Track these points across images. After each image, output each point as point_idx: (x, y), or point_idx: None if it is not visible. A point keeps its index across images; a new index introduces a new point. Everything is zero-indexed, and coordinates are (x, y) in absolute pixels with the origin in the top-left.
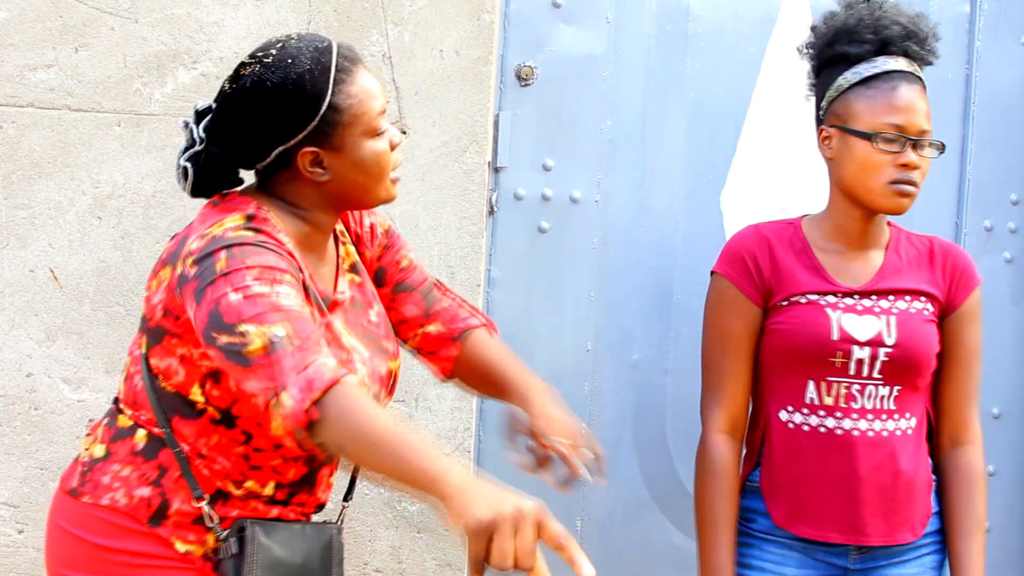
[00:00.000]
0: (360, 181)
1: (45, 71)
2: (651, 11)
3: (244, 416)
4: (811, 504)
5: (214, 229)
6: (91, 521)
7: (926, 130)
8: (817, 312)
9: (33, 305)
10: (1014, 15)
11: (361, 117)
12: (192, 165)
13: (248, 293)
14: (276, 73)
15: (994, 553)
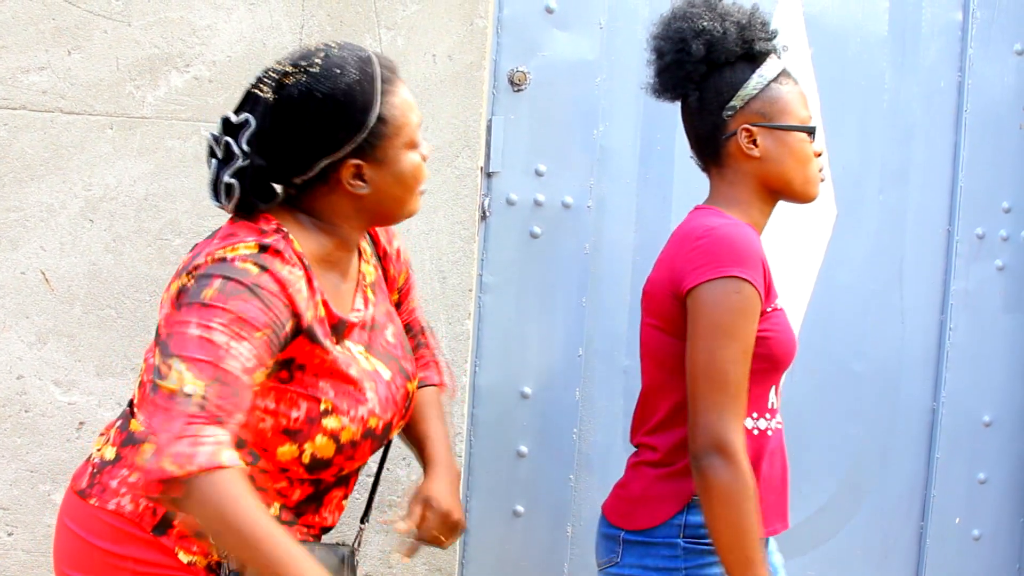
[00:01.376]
0: (397, 194)
1: (38, 73)
2: (644, 17)
3: (251, 440)
4: (767, 503)
5: (226, 251)
6: (97, 525)
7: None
8: (785, 318)
9: (24, 307)
10: (1006, 23)
11: (404, 129)
12: (239, 181)
13: (206, 336)
14: (325, 84)
15: (985, 562)
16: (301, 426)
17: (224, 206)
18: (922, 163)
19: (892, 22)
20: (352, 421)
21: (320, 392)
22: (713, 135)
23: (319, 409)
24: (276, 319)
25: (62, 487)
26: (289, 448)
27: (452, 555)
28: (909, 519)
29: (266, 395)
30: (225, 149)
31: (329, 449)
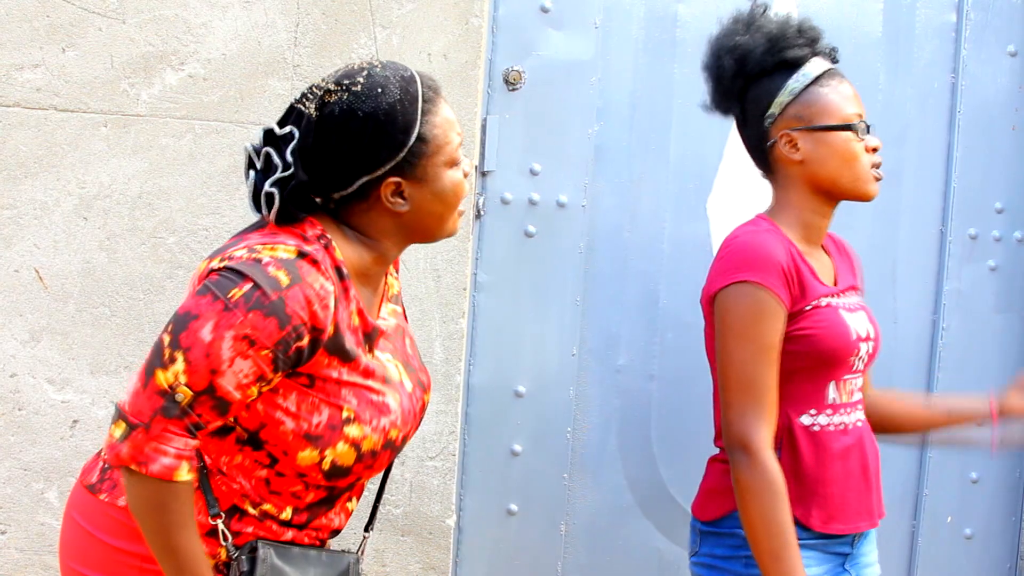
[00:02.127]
0: (438, 211)
1: (32, 71)
2: (639, 17)
3: (271, 441)
4: (845, 500)
5: (265, 252)
6: (106, 520)
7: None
8: (835, 314)
9: (18, 305)
10: (1000, 24)
11: (444, 148)
12: (279, 191)
13: (215, 344)
14: (367, 103)
15: (977, 561)
16: (323, 432)
17: (265, 216)
18: (915, 164)
19: (886, 23)
20: (374, 431)
21: (343, 400)
22: (760, 145)
23: (341, 417)
24: (288, 335)
25: (56, 485)
26: (310, 454)
27: (446, 553)
28: (901, 518)
29: (287, 395)
30: (265, 159)
31: (350, 457)
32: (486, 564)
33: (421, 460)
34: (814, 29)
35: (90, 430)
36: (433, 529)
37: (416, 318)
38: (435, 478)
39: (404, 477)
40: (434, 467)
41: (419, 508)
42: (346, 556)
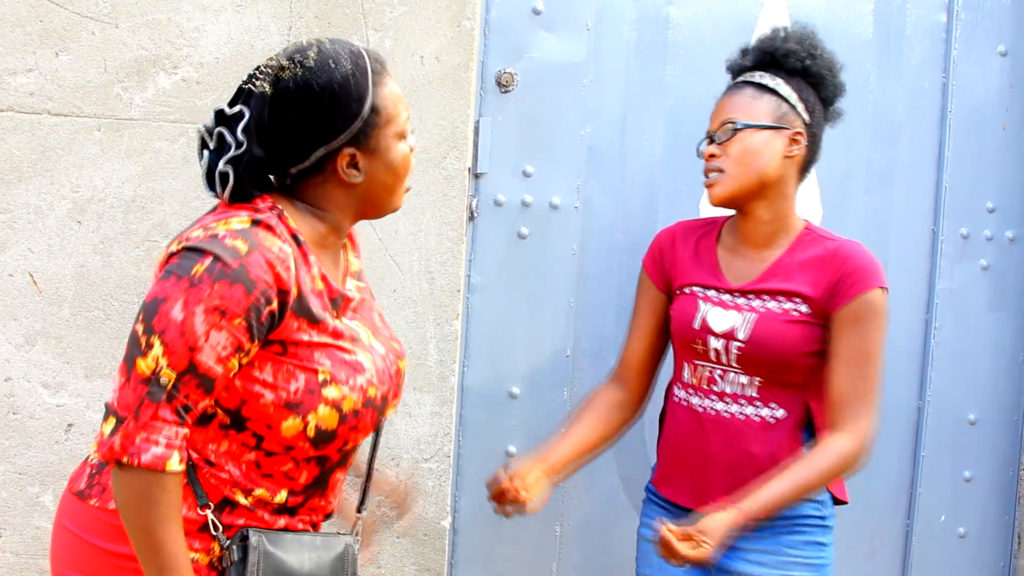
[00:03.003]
0: (389, 183)
1: (25, 75)
2: (631, 19)
3: (254, 418)
4: (673, 470)
5: (219, 226)
6: (97, 525)
7: (724, 120)
8: (691, 303)
9: (12, 309)
10: (990, 25)
11: (395, 119)
12: (233, 169)
13: (188, 321)
14: (322, 76)
15: (970, 560)
16: (302, 398)
17: (219, 195)
18: (907, 164)
19: (877, 24)
20: (352, 390)
21: (316, 363)
22: None
23: (317, 380)
24: (257, 300)
25: (51, 489)
26: (293, 422)
27: (441, 555)
28: (895, 517)
29: (263, 367)
30: (218, 139)
31: (333, 420)
32: (481, 565)
33: (416, 462)
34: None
35: (85, 434)
36: (428, 531)
37: (410, 320)
38: (430, 480)
39: (399, 479)
40: (429, 469)
41: (414, 510)
42: (341, 538)
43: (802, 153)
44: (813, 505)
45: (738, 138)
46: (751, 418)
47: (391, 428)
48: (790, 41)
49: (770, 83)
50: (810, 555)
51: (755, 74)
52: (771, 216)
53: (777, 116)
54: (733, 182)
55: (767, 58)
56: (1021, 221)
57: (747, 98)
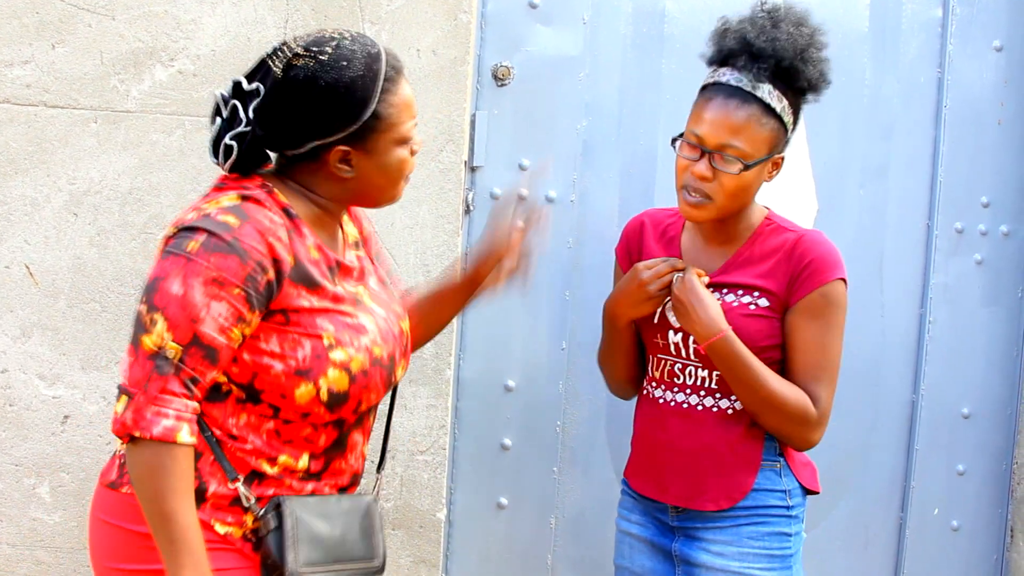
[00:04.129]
0: (379, 183)
1: (21, 67)
2: (627, 12)
3: (267, 390)
4: (640, 461)
5: (210, 206)
6: (133, 510)
7: (727, 144)
8: None
9: (8, 301)
10: (986, 20)
11: (397, 127)
12: (237, 144)
13: (188, 295)
14: (330, 73)
15: (964, 553)
16: (311, 364)
17: (221, 164)
18: (902, 158)
19: (872, 19)
20: (358, 351)
21: (320, 329)
22: None
23: (323, 345)
24: (253, 270)
25: (47, 480)
26: (306, 388)
27: (436, 547)
28: (889, 510)
29: (268, 339)
30: (231, 111)
31: (343, 381)
32: (476, 557)
33: (411, 454)
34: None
35: (81, 425)
36: (424, 523)
37: None
38: (425, 472)
39: (395, 471)
40: (424, 461)
41: (409, 502)
42: (364, 498)
43: (778, 171)
44: (778, 495)
45: (740, 175)
46: (710, 409)
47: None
48: (809, 64)
49: (777, 107)
50: (773, 545)
51: (761, 88)
52: (737, 219)
53: (774, 144)
54: (718, 211)
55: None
56: (1015, 216)
57: (754, 123)
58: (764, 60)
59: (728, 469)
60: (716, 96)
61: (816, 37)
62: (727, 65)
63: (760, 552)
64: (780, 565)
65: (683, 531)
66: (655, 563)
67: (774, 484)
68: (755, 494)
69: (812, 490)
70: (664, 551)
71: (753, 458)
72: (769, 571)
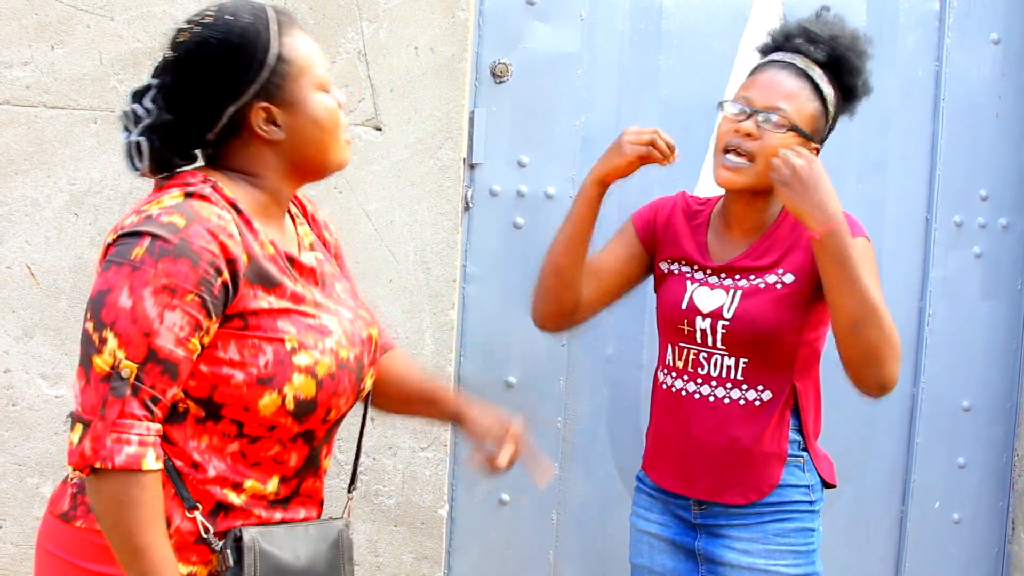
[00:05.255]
0: (316, 137)
1: (21, 68)
2: (625, 9)
3: (228, 403)
4: (659, 454)
5: (151, 207)
6: (86, 547)
7: (778, 106)
8: (678, 283)
9: (10, 302)
10: (983, 13)
11: (310, 69)
12: (147, 139)
13: (137, 307)
14: (219, 30)
15: (965, 545)
16: (274, 370)
17: (143, 171)
18: (900, 152)
19: (870, 12)
20: (323, 354)
21: (282, 332)
22: None
23: (285, 349)
24: (206, 273)
25: (50, 480)
26: (270, 397)
27: (439, 543)
28: (890, 504)
29: (226, 346)
30: (133, 117)
31: (310, 387)
32: (478, 553)
33: (413, 451)
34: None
35: None
36: (425, 519)
37: (406, 310)
38: (427, 468)
39: (396, 468)
40: (426, 458)
41: (411, 498)
42: (333, 523)
43: None
44: (802, 490)
45: (786, 136)
46: (736, 402)
47: (389, 417)
48: (862, 59)
49: (825, 91)
50: (798, 541)
51: (815, 71)
52: (764, 205)
53: (815, 128)
54: (757, 178)
55: (832, 61)
56: (1014, 209)
57: (805, 95)
58: (820, 43)
59: (756, 462)
60: (769, 69)
61: (865, 45)
62: (782, 50)
63: (786, 549)
64: (805, 561)
65: (705, 528)
66: (677, 562)
67: (798, 479)
68: (780, 490)
69: (831, 483)
70: (686, 550)
71: (780, 451)
72: (795, 567)
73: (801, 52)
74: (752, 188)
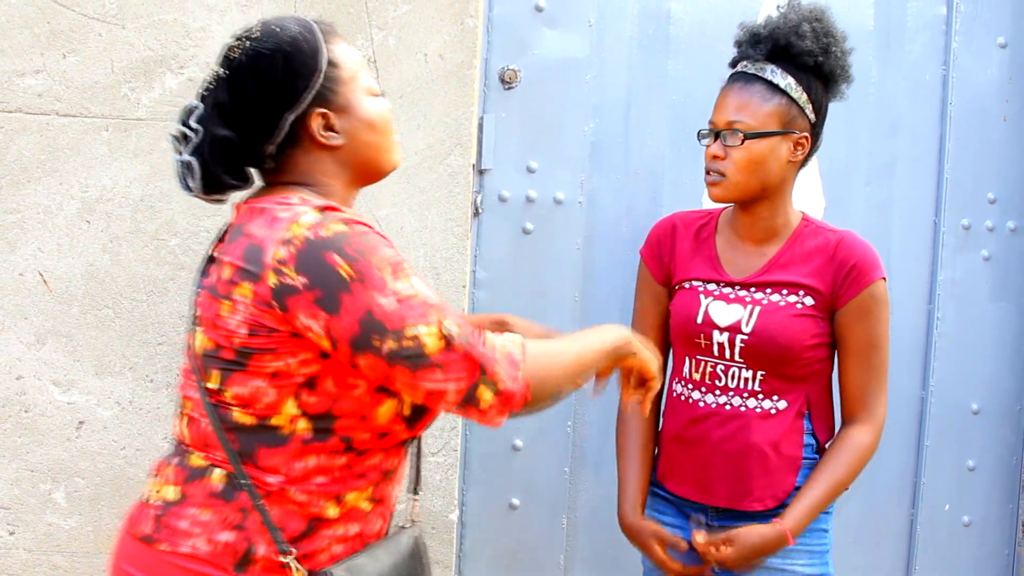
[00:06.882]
0: (372, 140)
1: (33, 76)
2: (633, 14)
3: (345, 415)
4: (675, 463)
5: (295, 231)
6: (169, 570)
7: (732, 121)
8: (692, 297)
9: (23, 308)
10: (990, 17)
11: (359, 74)
12: (198, 158)
13: (400, 296)
14: (269, 41)
15: (975, 548)
16: None
17: (195, 191)
18: (908, 155)
19: (877, 17)
20: None
21: None
22: None
23: None
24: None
25: (62, 486)
26: (389, 404)
27: (449, 547)
28: (900, 507)
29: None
30: (182, 137)
31: None
32: (489, 558)
33: (423, 456)
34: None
35: (96, 431)
36: (436, 524)
37: None
38: (437, 473)
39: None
40: (436, 463)
41: (422, 503)
42: (407, 532)
43: (805, 154)
44: None
45: (745, 146)
46: (753, 410)
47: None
48: (806, 39)
49: (781, 83)
50: (813, 542)
51: (766, 69)
52: (771, 213)
53: (786, 120)
54: (735, 188)
55: (779, 51)
56: (1022, 212)
57: (757, 98)
58: (762, 41)
59: (773, 469)
60: (724, 88)
61: (813, 13)
62: (738, 64)
63: (802, 549)
64: (819, 561)
65: (722, 530)
66: (692, 562)
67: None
68: (795, 492)
69: None
70: None
71: (796, 457)
72: (811, 567)
73: (751, 57)
74: (739, 199)
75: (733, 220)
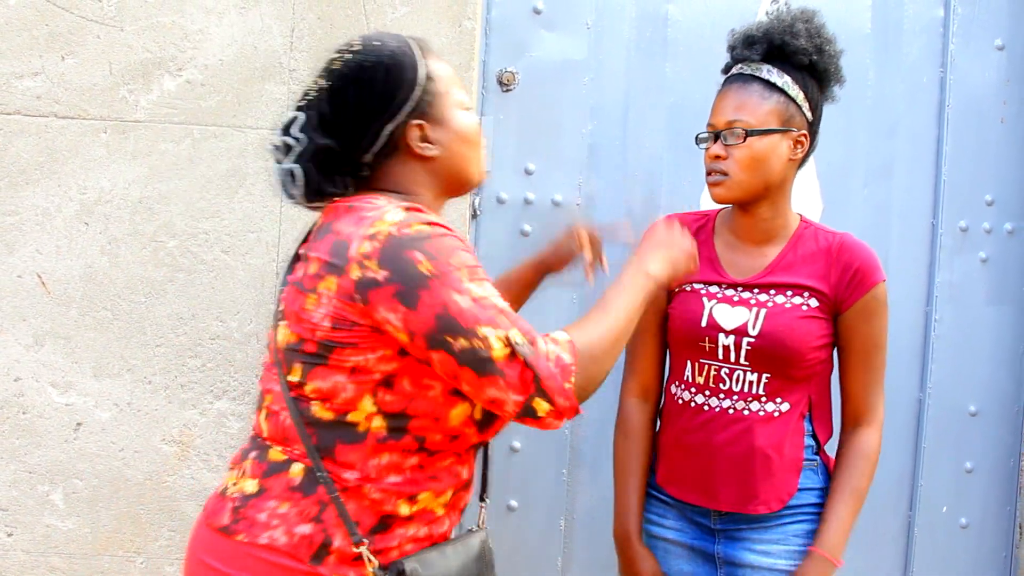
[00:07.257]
0: (465, 153)
1: (32, 79)
2: (631, 17)
3: (419, 415)
4: (679, 468)
5: (379, 228)
6: (248, 561)
7: (732, 120)
8: (695, 300)
9: (21, 310)
10: (987, 19)
11: (452, 87)
12: (301, 166)
13: (474, 296)
14: (371, 54)
15: (972, 550)
16: None
17: (296, 197)
18: (906, 158)
19: (875, 19)
20: None
21: None
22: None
23: None
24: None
25: (60, 487)
26: (462, 407)
27: None
28: (897, 509)
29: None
30: (284, 147)
31: None
32: None
33: None
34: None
35: (94, 432)
36: None
37: None
38: None
39: None
40: None
41: None
42: (476, 535)
43: (804, 153)
44: (816, 493)
45: (747, 144)
46: (756, 413)
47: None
48: (800, 37)
49: (778, 81)
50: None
51: (762, 68)
52: (772, 214)
53: (784, 118)
54: (739, 187)
55: (775, 51)
56: (1020, 213)
57: (755, 97)
58: (757, 42)
59: (776, 471)
60: (721, 90)
61: (804, 13)
62: (734, 66)
63: (804, 549)
64: None
65: (725, 533)
66: (695, 566)
67: (813, 483)
68: (798, 493)
69: None
70: (705, 554)
71: (798, 458)
72: None
73: (746, 59)
74: (742, 198)
75: (732, 221)
